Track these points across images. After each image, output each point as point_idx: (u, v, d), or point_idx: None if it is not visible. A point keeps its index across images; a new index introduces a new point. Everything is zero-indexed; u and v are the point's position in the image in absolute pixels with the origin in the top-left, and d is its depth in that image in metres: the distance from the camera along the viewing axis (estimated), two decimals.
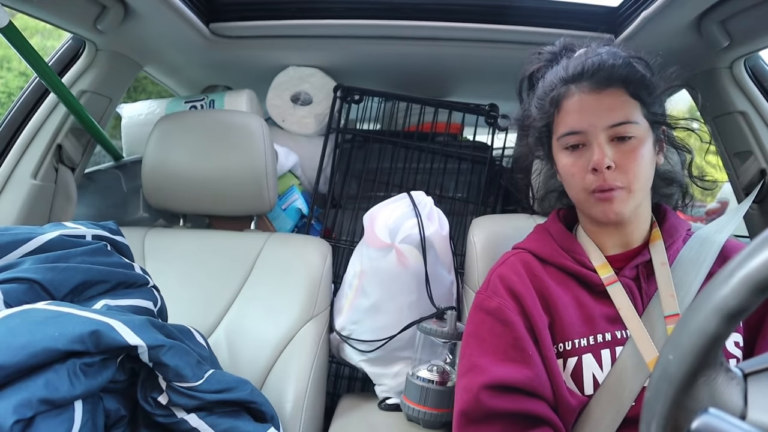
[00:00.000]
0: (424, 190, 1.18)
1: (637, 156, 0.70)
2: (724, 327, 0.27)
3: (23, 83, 1.20)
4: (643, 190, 0.73)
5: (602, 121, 0.71)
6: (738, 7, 0.93)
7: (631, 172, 0.70)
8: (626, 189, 0.71)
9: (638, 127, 0.70)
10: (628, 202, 0.71)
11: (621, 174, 0.70)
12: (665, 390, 0.28)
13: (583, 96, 0.72)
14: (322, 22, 1.21)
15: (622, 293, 0.73)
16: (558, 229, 0.82)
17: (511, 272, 0.78)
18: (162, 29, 1.15)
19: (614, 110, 0.70)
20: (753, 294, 0.26)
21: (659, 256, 0.75)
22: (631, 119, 0.70)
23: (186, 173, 1.11)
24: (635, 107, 0.71)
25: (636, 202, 0.72)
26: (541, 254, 0.79)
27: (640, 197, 0.73)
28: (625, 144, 0.70)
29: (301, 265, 1.08)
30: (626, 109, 0.70)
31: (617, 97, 0.71)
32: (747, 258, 0.26)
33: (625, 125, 0.70)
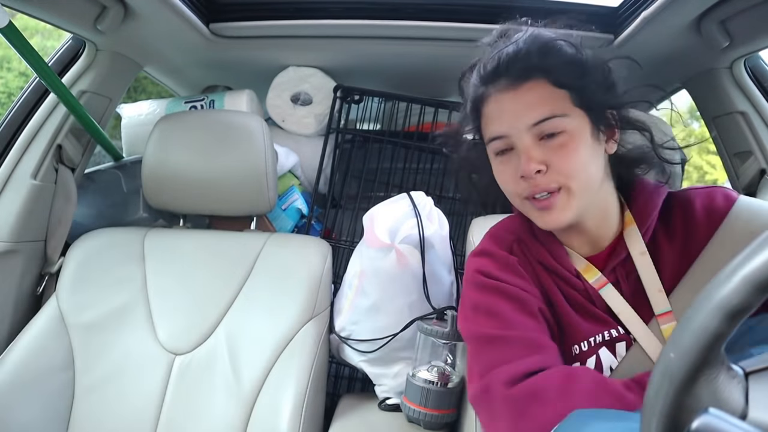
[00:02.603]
0: (424, 190, 1.18)
1: (570, 152, 0.62)
2: (726, 325, 0.27)
3: (23, 83, 1.20)
4: (587, 189, 0.65)
5: (523, 121, 0.63)
6: (738, 7, 0.93)
7: (566, 171, 0.63)
8: (565, 190, 0.64)
9: (567, 119, 0.63)
10: (569, 206, 0.64)
11: (556, 175, 0.63)
12: (666, 388, 0.28)
13: (500, 96, 0.65)
14: (322, 22, 1.21)
15: (617, 296, 0.68)
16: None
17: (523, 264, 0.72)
18: (162, 29, 1.15)
19: (535, 106, 0.63)
20: (755, 292, 0.26)
21: (636, 246, 0.68)
22: (556, 113, 0.62)
23: (186, 173, 1.11)
24: (562, 97, 0.63)
25: (581, 202, 0.65)
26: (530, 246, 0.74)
27: (586, 196, 0.65)
28: (555, 140, 0.63)
29: (301, 266, 1.08)
30: (550, 102, 0.63)
31: (538, 90, 0.63)
32: (749, 256, 0.26)
33: (550, 121, 0.62)
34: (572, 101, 0.63)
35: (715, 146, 1.23)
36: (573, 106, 0.63)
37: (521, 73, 0.64)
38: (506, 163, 0.67)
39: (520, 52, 0.64)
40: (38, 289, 1.13)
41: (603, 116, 0.66)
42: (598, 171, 0.66)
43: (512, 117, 0.64)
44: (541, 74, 0.63)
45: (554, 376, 0.60)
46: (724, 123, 1.16)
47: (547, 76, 0.63)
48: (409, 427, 1.00)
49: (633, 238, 0.69)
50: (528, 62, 0.64)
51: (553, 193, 0.64)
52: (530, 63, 0.63)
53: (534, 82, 0.63)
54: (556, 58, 0.64)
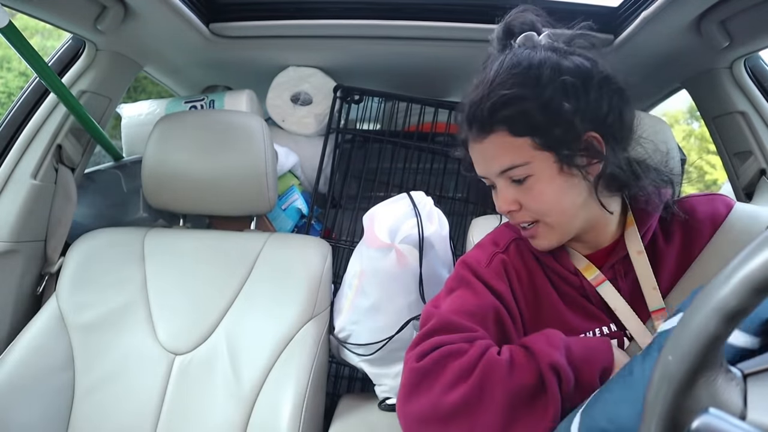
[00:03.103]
0: (424, 190, 1.18)
1: (537, 194, 0.66)
2: (724, 327, 0.27)
3: (23, 83, 1.20)
4: (565, 219, 0.68)
5: (491, 169, 0.68)
6: (738, 7, 0.93)
7: (537, 210, 0.68)
8: (541, 224, 0.69)
9: (529, 166, 0.65)
10: (551, 235, 0.69)
11: (529, 213, 0.68)
12: (665, 390, 0.28)
13: (472, 144, 0.70)
14: (322, 22, 1.21)
15: (614, 292, 0.70)
16: None
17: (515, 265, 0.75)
18: (162, 29, 1.15)
19: (497, 158, 0.67)
20: (753, 294, 0.26)
21: (634, 245, 0.71)
22: (516, 162, 0.65)
23: (186, 173, 1.11)
24: (521, 146, 0.65)
25: (563, 229, 0.69)
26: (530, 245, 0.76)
27: (564, 227, 0.69)
28: (523, 184, 0.67)
29: (301, 266, 1.08)
30: (510, 153, 0.65)
31: (498, 141, 0.66)
32: (747, 258, 0.26)
33: (511, 170, 0.66)
34: (534, 146, 0.64)
35: (715, 146, 1.23)
36: (534, 150, 0.65)
37: (482, 128, 0.66)
38: (495, 195, 0.72)
39: (478, 111, 0.66)
40: (38, 289, 1.13)
41: (574, 148, 0.65)
42: (575, 200, 0.67)
43: (482, 165, 0.70)
44: (501, 125, 0.65)
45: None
46: (724, 123, 1.16)
47: (508, 127, 0.65)
48: None
49: (632, 238, 0.71)
50: (488, 117, 0.65)
51: (533, 224, 0.69)
52: (491, 118, 0.65)
53: (495, 135, 0.66)
54: (514, 109, 0.64)
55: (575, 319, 0.71)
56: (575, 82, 0.64)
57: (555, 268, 0.73)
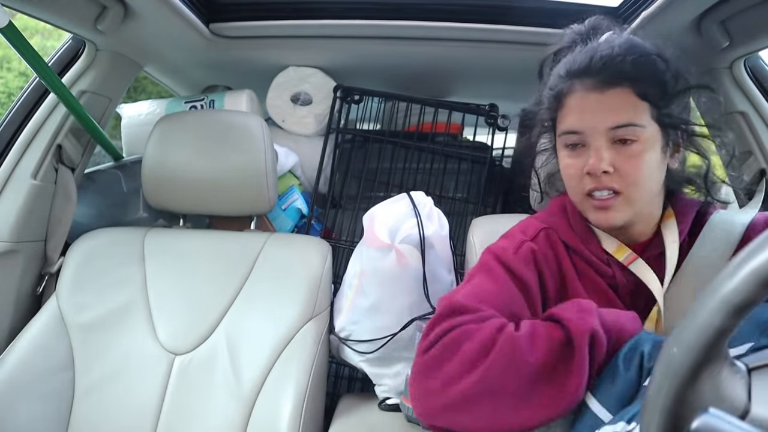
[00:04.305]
0: (424, 190, 1.18)
1: (639, 162, 0.65)
2: (729, 321, 0.27)
3: (23, 83, 1.20)
4: (643, 198, 0.68)
5: (603, 123, 0.66)
6: (738, 7, 0.93)
7: (630, 178, 0.66)
8: (623, 196, 0.67)
9: (643, 130, 0.65)
10: (625, 210, 0.68)
11: (619, 179, 0.66)
12: (669, 383, 0.28)
13: (585, 94, 0.67)
14: (322, 22, 1.21)
15: (645, 268, 0.70)
16: (573, 210, 0.77)
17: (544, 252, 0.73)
18: (162, 29, 1.15)
19: (617, 112, 0.65)
20: (759, 288, 0.26)
21: (671, 235, 0.72)
22: (635, 122, 0.65)
23: (186, 173, 1.11)
24: (643, 109, 0.65)
25: (635, 209, 0.68)
26: (561, 233, 0.75)
27: (639, 204, 0.68)
28: (627, 148, 0.66)
29: (301, 265, 1.08)
30: (631, 111, 0.65)
31: (622, 97, 0.65)
32: (754, 251, 0.26)
33: (628, 128, 0.65)
34: (651, 114, 0.65)
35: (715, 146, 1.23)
36: (651, 119, 0.66)
37: (611, 78, 0.66)
38: (575, 157, 0.70)
39: (616, 58, 0.66)
40: (38, 289, 1.13)
41: (674, 134, 0.68)
42: (658, 183, 0.69)
43: (593, 117, 0.67)
44: (629, 83, 0.65)
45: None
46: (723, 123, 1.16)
47: (634, 86, 0.65)
48: (409, 427, 1.00)
49: (670, 229, 0.72)
50: (621, 69, 0.65)
51: (612, 197, 0.68)
52: (623, 71, 0.65)
53: (621, 89, 0.65)
54: (647, 72, 0.66)
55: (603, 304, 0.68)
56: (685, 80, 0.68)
57: (586, 256, 0.73)
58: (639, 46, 0.67)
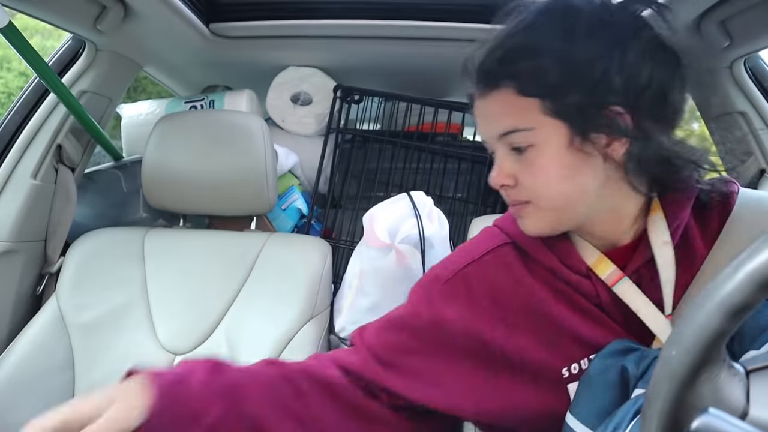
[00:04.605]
0: (424, 190, 1.18)
1: (537, 170, 0.55)
2: (728, 323, 0.27)
3: (23, 83, 1.20)
4: (565, 205, 0.56)
5: (490, 132, 0.58)
6: (738, 7, 0.93)
7: (532, 190, 0.56)
8: (533, 205, 0.57)
9: (533, 133, 0.54)
10: (541, 220, 0.58)
11: (524, 190, 0.57)
12: (667, 386, 0.28)
13: (477, 101, 0.59)
14: (322, 22, 1.22)
15: (634, 290, 0.57)
16: None
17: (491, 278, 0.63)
18: (162, 29, 1.15)
19: (498, 118, 0.56)
20: (758, 290, 0.26)
21: (659, 234, 0.57)
22: (518, 126, 0.54)
23: (186, 173, 1.11)
24: (528, 108, 0.54)
25: (560, 217, 0.57)
26: (527, 246, 0.63)
27: (565, 214, 0.57)
28: (524, 155, 0.55)
29: (301, 265, 1.08)
30: (513, 115, 0.55)
31: (503, 100, 0.55)
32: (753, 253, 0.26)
33: (513, 134, 0.55)
34: (543, 110, 0.53)
35: (715, 146, 1.23)
36: (543, 116, 0.53)
37: (488, 82, 0.56)
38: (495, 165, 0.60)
39: (486, 60, 0.56)
40: (38, 289, 1.13)
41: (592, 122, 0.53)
42: (584, 185, 0.55)
43: (482, 126, 0.59)
44: (509, 82, 0.54)
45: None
46: (724, 123, 1.16)
47: (515, 84, 0.54)
48: None
49: (656, 226, 0.58)
50: (491, 71, 0.56)
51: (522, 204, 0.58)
52: (493, 71, 0.55)
53: (501, 92, 0.55)
54: (526, 63, 0.54)
55: (590, 330, 0.59)
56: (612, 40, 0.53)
57: (560, 272, 0.60)
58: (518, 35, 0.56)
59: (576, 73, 0.52)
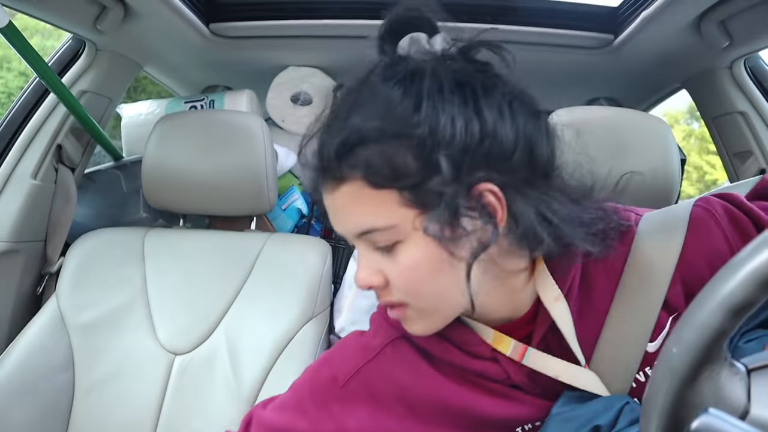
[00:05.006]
0: None
1: (407, 270, 0.47)
2: (729, 321, 0.27)
3: (23, 83, 1.20)
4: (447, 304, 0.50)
5: (346, 230, 0.49)
6: (738, 7, 0.93)
7: (408, 290, 0.48)
8: (412, 307, 0.50)
9: (395, 230, 0.46)
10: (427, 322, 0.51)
11: (396, 291, 0.49)
12: (668, 384, 0.28)
13: (325, 194, 0.50)
14: (322, 22, 1.22)
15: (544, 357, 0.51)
16: None
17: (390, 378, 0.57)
18: (162, 29, 1.15)
19: (350, 215, 0.48)
20: (759, 288, 0.26)
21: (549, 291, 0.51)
22: (376, 225, 0.46)
23: (186, 173, 1.11)
24: (385, 201, 0.45)
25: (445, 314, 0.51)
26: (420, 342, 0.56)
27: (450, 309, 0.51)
28: (389, 253, 0.47)
29: (301, 266, 1.08)
30: (368, 212, 0.46)
31: (353, 194, 0.46)
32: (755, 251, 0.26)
33: (372, 234, 0.47)
34: (401, 202, 0.45)
35: (715, 146, 1.23)
36: (403, 207, 0.45)
37: (331, 174, 0.47)
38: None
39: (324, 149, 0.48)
40: (38, 289, 1.13)
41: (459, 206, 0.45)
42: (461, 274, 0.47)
43: (336, 223, 0.51)
44: (354, 172, 0.45)
45: None
46: (724, 123, 1.17)
47: (362, 174, 0.45)
48: None
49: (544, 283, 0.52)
50: (331, 162, 0.46)
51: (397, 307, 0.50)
52: (334, 163, 0.46)
53: (348, 185, 0.46)
54: (373, 150, 0.44)
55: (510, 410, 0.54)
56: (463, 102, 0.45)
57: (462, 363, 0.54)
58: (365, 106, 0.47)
59: (431, 153, 0.44)
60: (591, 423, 0.45)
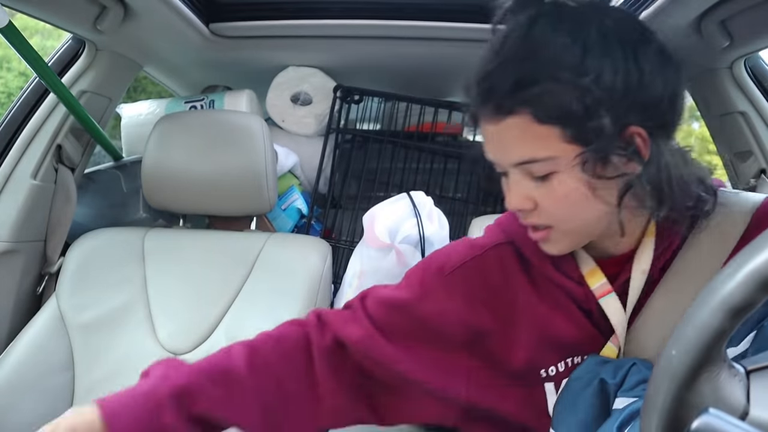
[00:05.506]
0: (424, 190, 1.18)
1: (559, 197, 0.53)
2: (729, 322, 0.27)
3: (23, 83, 1.20)
4: (585, 229, 0.56)
5: (505, 158, 0.55)
6: (738, 7, 0.93)
7: (553, 216, 0.55)
8: (555, 229, 0.56)
9: (554, 162, 0.51)
10: (564, 242, 0.57)
11: (544, 215, 0.55)
12: (667, 385, 0.28)
13: (486, 125, 0.55)
14: (322, 22, 1.22)
15: (616, 306, 0.58)
16: None
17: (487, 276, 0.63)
18: (162, 29, 1.15)
19: (514, 147, 0.53)
20: (759, 289, 0.26)
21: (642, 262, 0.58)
22: (538, 156, 0.51)
23: (186, 173, 1.11)
24: (547, 136, 0.51)
25: (582, 238, 0.57)
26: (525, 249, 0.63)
27: (587, 234, 0.57)
28: (543, 183, 0.53)
29: (301, 266, 1.08)
30: (532, 143, 0.51)
31: (520, 127, 0.51)
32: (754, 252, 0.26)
33: (531, 165, 0.52)
34: (563, 138, 0.50)
35: (716, 146, 1.23)
36: (564, 143, 0.51)
37: (499, 107, 0.52)
38: (505, 184, 0.58)
39: (497, 84, 0.52)
40: (38, 289, 1.13)
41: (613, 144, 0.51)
42: (602, 206, 0.54)
43: (496, 152, 0.56)
44: (523, 107, 0.50)
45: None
46: (724, 123, 1.16)
47: (532, 110, 0.50)
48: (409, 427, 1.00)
49: (644, 251, 0.59)
50: (504, 96, 0.51)
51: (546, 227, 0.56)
52: (506, 97, 0.51)
53: (515, 118, 0.51)
54: (543, 88, 0.50)
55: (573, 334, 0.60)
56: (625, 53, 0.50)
57: (553, 276, 0.61)
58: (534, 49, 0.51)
59: (596, 95, 0.49)
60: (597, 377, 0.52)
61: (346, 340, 0.61)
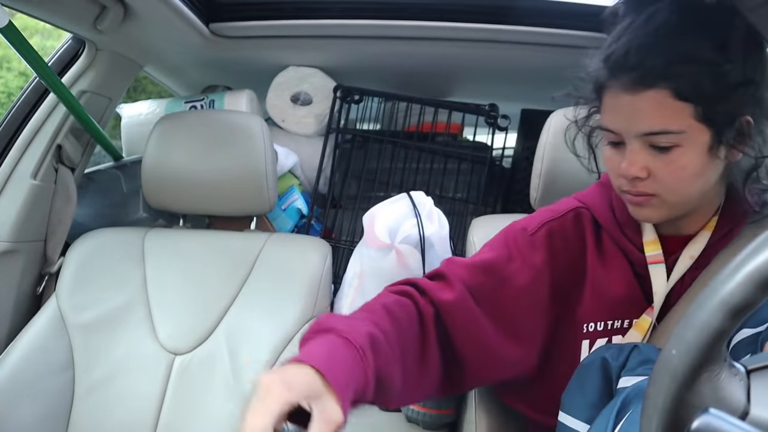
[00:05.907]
0: (424, 190, 1.17)
1: (678, 169, 0.59)
2: (729, 322, 0.27)
3: (23, 83, 1.20)
4: (684, 201, 0.62)
5: (634, 128, 0.59)
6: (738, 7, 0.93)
7: (666, 186, 0.60)
8: (659, 198, 0.61)
9: (682, 136, 0.57)
10: (661, 212, 0.63)
11: (655, 184, 0.60)
12: (667, 385, 0.28)
13: (619, 93, 0.60)
14: (322, 22, 1.21)
15: (662, 277, 0.66)
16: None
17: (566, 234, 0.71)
18: (162, 29, 1.15)
19: (649, 117, 0.58)
20: (759, 289, 0.26)
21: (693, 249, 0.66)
22: (670, 128, 0.57)
23: (186, 173, 1.11)
24: (681, 111, 0.56)
25: (676, 210, 0.63)
26: (597, 214, 0.71)
27: (682, 206, 0.63)
28: (665, 154, 0.58)
29: (301, 266, 1.08)
30: (666, 116, 0.57)
31: (657, 100, 0.57)
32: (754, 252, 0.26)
33: (662, 135, 0.58)
34: (694, 115, 0.56)
35: None
36: (694, 120, 0.57)
37: (645, 79, 0.57)
38: (614, 153, 0.63)
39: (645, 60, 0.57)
40: (38, 289, 1.13)
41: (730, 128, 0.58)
42: (706, 184, 0.61)
43: (625, 120, 0.60)
44: (666, 83, 0.56)
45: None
46: None
47: (671, 86, 0.56)
48: (409, 427, 1.00)
49: (698, 241, 0.66)
50: (649, 69, 0.57)
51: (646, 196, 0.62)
52: (652, 70, 0.56)
53: (656, 91, 0.57)
54: (688, 69, 0.56)
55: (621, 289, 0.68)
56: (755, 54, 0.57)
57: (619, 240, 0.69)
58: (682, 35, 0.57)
59: (727, 82, 0.56)
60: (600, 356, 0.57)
61: (443, 304, 0.65)
